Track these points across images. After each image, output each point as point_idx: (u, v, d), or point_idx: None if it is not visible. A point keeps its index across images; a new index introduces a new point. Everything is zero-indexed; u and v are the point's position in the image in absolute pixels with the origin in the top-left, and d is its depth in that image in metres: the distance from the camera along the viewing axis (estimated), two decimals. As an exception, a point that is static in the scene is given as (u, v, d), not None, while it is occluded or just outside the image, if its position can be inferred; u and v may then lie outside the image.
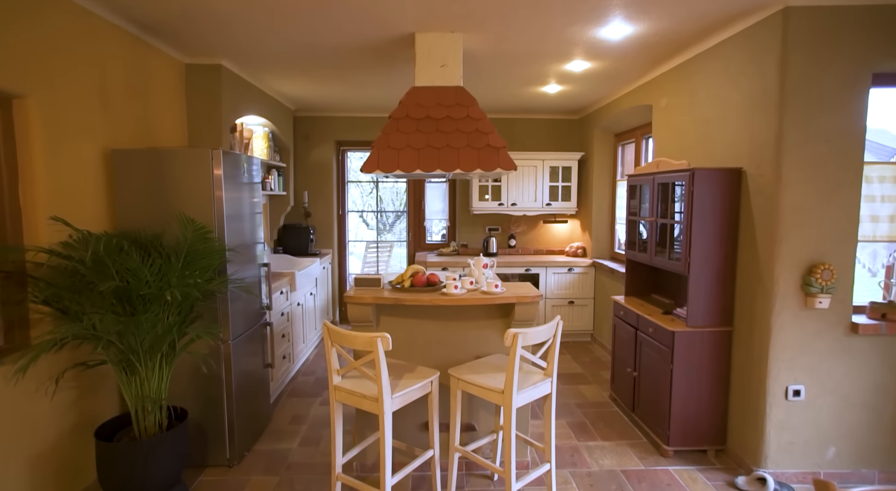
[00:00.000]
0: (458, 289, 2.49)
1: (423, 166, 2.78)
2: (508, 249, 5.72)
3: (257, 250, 3.16)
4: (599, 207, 5.23)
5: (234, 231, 2.74)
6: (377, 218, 8.35)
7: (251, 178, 3.07)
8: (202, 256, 2.23)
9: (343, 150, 5.90)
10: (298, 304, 4.36)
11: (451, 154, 2.80)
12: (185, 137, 3.46)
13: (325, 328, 2.15)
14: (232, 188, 2.73)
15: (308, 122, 5.56)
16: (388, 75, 3.90)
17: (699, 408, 2.85)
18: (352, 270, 6.30)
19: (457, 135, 2.83)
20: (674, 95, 3.49)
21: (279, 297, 3.79)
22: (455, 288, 2.47)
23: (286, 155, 5.24)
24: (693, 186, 2.73)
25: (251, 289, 2.83)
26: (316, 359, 4.68)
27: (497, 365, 2.42)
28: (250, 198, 3.05)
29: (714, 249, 2.77)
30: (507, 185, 5.38)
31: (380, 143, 2.81)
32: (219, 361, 2.64)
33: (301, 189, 5.58)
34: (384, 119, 5.57)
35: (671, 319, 2.99)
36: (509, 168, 2.79)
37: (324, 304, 5.41)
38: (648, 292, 3.68)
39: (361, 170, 2.78)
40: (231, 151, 2.83)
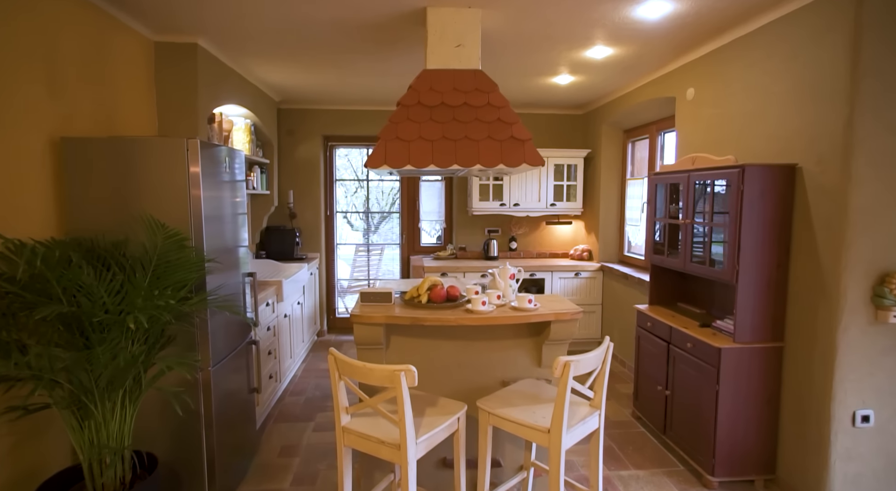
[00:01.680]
0: (487, 305, 2.11)
1: (438, 161, 2.40)
2: (509, 252, 5.37)
3: (241, 257, 2.73)
4: (607, 208, 4.92)
5: (214, 236, 2.31)
6: (366, 218, 7.91)
7: (234, 174, 2.64)
8: (176, 268, 1.81)
9: (331, 147, 5.47)
10: (285, 315, 3.92)
11: (469, 147, 2.43)
12: (154, 127, 3.00)
13: (331, 359, 1.76)
14: (212, 186, 2.30)
15: (293, 115, 5.11)
16: (387, 62, 3.50)
17: (747, 433, 2.54)
18: (341, 275, 5.87)
19: (476, 125, 2.46)
20: (702, 86, 3.19)
21: (265, 309, 3.35)
22: (483, 304, 2.10)
23: (269, 150, 4.78)
24: (743, 185, 2.42)
25: (235, 306, 2.40)
26: (304, 375, 4.24)
27: (532, 394, 2.05)
28: (233, 197, 2.62)
29: (765, 255, 2.47)
30: (510, 185, 5.04)
31: (387, 133, 2.41)
32: (196, 392, 2.21)
33: (286, 188, 5.12)
34: (376, 113, 5.17)
35: (712, 332, 2.68)
36: (536, 163, 2.44)
37: (311, 313, 4.97)
38: (674, 301, 3.38)
39: (366, 165, 2.38)
40: (211, 142, 2.40)
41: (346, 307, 5.98)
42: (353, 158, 7.21)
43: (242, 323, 2.72)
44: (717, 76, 3.03)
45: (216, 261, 2.19)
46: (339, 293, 5.83)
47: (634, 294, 4.20)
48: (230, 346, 2.52)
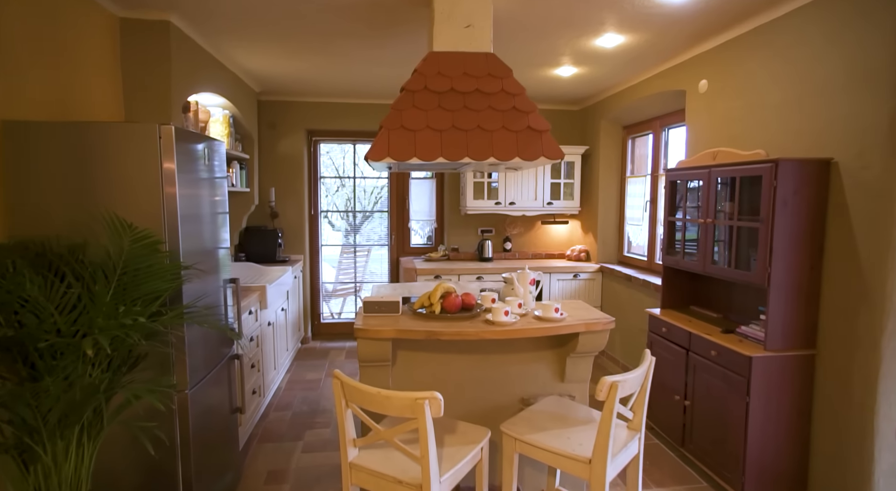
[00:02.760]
0: (509, 315, 1.87)
1: (448, 153, 2.15)
2: (504, 254, 5.15)
3: (221, 261, 2.42)
4: (606, 207, 4.75)
5: (192, 238, 2.00)
6: (350, 218, 7.58)
7: (214, 167, 2.33)
8: (147, 277, 1.50)
9: (315, 142, 5.15)
10: (269, 323, 3.60)
11: (482, 138, 2.18)
12: (120, 116, 2.66)
13: (336, 384, 1.49)
14: (189, 180, 2.00)
15: (275, 107, 4.77)
16: (382, 48, 3.23)
17: (778, 449, 2.37)
18: (326, 278, 5.55)
19: (489, 113, 2.21)
20: (718, 78, 3.02)
21: (247, 318, 3.04)
22: (505, 314, 1.85)
23: (249, 145, 4.44)
24: (776, 181, 2.24)
25: (216, 320, 2.10)
26: (289, 387, 3.93)
27: (560, 415, 1.82)
28: (213, 194, 2.31)
29: (798, 256, 2.30)
30: (505, 183, 4.81)
31: (391, 121, 2.15)
32: (171, 420, 1.90)
33: (267, 186, 4.78)
34: (365, 107, 4.88)
35: (738, 339, 2.50)
36: (555, 157, 2.21)
37: (295, 319, 4.65)
38: (686, 304, 3.21)
39: (367, 157, 2.11)
40: (188, 129, 2.09)
41: (331, 312, 5.66)
42: (335, 155, 6.88)
43: (223, 336, 2.42)
44: (736, 66, 2.86)
45: (196, 267, 1.88)
46: (324, 297, 5.51)
47: (638, 296, 4.02)
48: (210, 362, 2.22)
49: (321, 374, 4.24)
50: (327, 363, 4.51)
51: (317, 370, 4.32)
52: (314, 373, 4.26)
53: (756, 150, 2.45)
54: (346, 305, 5.86)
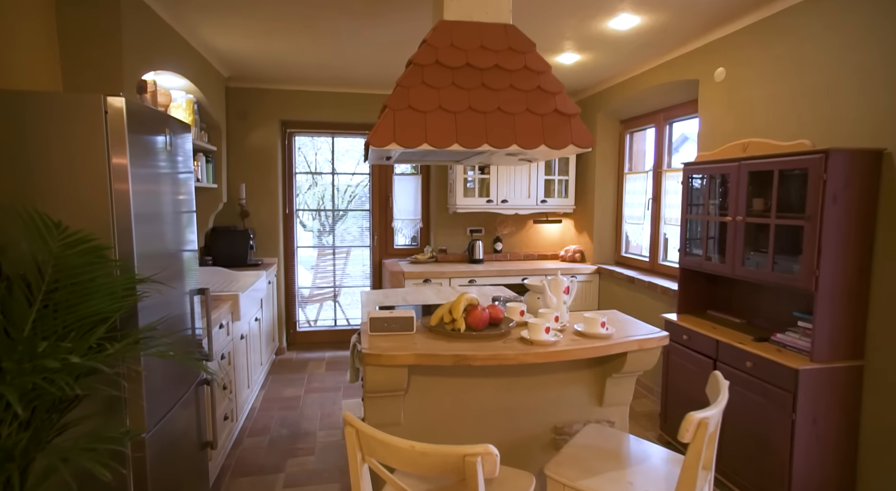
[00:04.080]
0: (550, 332, 1.55)
1: (465, 139, 1.82)
2: (495, 255, 4.86)
3: (186, 266, 2.02)
4: (602, 205, 4.52)
5: (149, 240, 1.60)
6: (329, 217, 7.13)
7: (177, 155, 1.92)
8: (86, 295, 1.11)
9: (290, 134, 4.71)
10: (242, 336, 3.18)
11: (503, 122, 1.86)
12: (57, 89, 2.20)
13: (350, 433, 1.13)
14: (146, 168, 1.60)
15: (245, 95, 4.32)
16: (375, 27, 2.86)
17: (824, 469, 2.15)
18: (302, 282, 5.11)
19: (510, 94, 1.90)
20: (738, 65, 2.81)
21: (218, 333, 2.62)
22: (546, 331, 1.53)
23: (216, 136, 3.98)
24: (826, 174, 2.01)
25: (180, 343, 1.70)
26: (265, 407, 3.51)
27: (608, 450, 1.52)
28: (176, 188, 1.91)
29: (847, 257, 2.08)
30: (497, 179, 4.52)
31: (397, 101, 1.80)
32: (124, 468, 1.49)
33: (236, 181, 4.32)
34: (348, 96, 4.48)
35: (776, 349, 2.28)
36: (586, 145, 1.92)
37: (269, 328, 4.21)
38: (703, 309, 2.99)
39: (368, 142, 1.76)
40: (145, 105, 1.67)
41: (307, 319, 5.24)
42: (307, 150, 6.43)
43: (192, 361, 2.01)
44: (759, 53, 2.65)
45: (156, 279, 1.48)
46: (300, 303, 5.08)
47: (642, 299, 3.80)
48: (174, 394, 1.81)
49: (300, 389, 3.83)
50: (306, 377, 4.10)
51: (295, 385, 3.91)
52: (292, 388, 3.84)
53: (799, 141, 2.23)
54: (322, 311, 5.44)
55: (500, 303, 2.00)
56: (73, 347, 0.98)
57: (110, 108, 1.42)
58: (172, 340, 1.77)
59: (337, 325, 5.16)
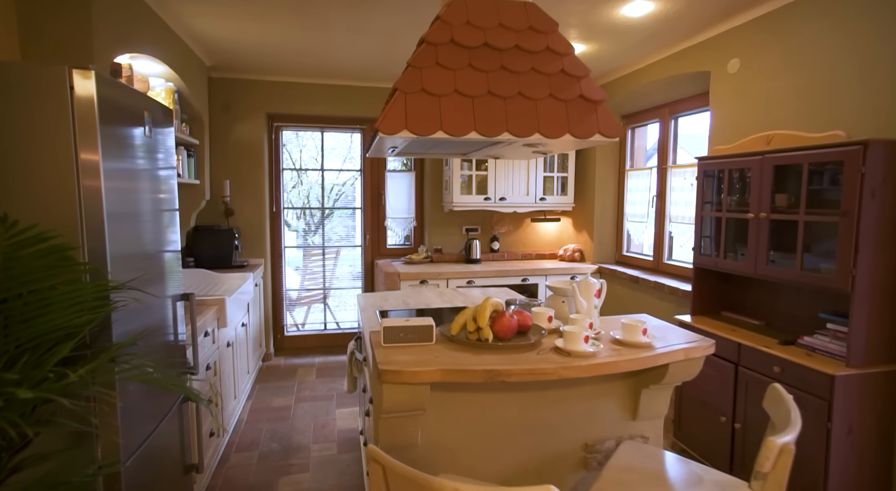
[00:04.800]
0: (589, 342, 1.38)
1: (484, 127, 1.64)
2: (492, 254, 4.69)
3: (168, 268, 1.80)
4: (603, 203, 4.39)
5: (124, 241, 1.38)
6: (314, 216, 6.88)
7: (159, 144, 1.70)
8: (45, 306, 0.90)
9: (277, 128, 4.47)
10: (228, 344, 2.95)
11: (525, 108, 1.69)
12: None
13: (377, 471, 0.94)
14: (121, 155, 1.38)
15: (230, 86, 4.06)
16: (371, 15, 2.66)
17: (860, 481, 2.03)
18: (290, 284, 4.87)
19: (533, 77, 1.72)
20: (754, 56, 2.69)
21: (203, 341, 2.39)
22: (585, 341, 1.36)
23: (199, 128, 3.73)
24: (864, 167, 1.89)
25: (164, 362, 1.48)
26: (252, 418, 3.27)
27: (653, 473, 1.36)
28: (156, 182, 1.69)
29: (884, 256, 1.96)
30: (495, 176, 4.35)
31: (408, 83, 1.61)
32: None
33: (220, 178, 4.07)
34: (339, 89, 4.27)
35: (805, 353, 2.15)
36: (612, 134, 1.76)
37: (256, 333, 3.97)
38: (717, 310, 2.87)
39: (378, 128, 1.57)
40: (120, 82, 1.45)
41: (294, 322, 5.00)
42: (291, 147, 6.19)
43: (174, 369, 1.79)
44: (777, 42, 2.53)
45: (132, 286, 1.27)
46: (288, 306, 4.84)
47: (647, 300, 3.67)
48: (154, 414, 1.60)
49: (290, 398, 3.61)
50: (296, 384, 3.87)
51: (284, 394, 3.68)
52: (281, 398, 3.61)
53: (832, 132, 2.11)
54: (310, 315, 5.21)
55: (520, 306, 1.83)
56: (20, 378, 0.76)
57: (78, 84, 1.20)
58: (154, 355, 1.55)
59: (327, 328, 4.94)
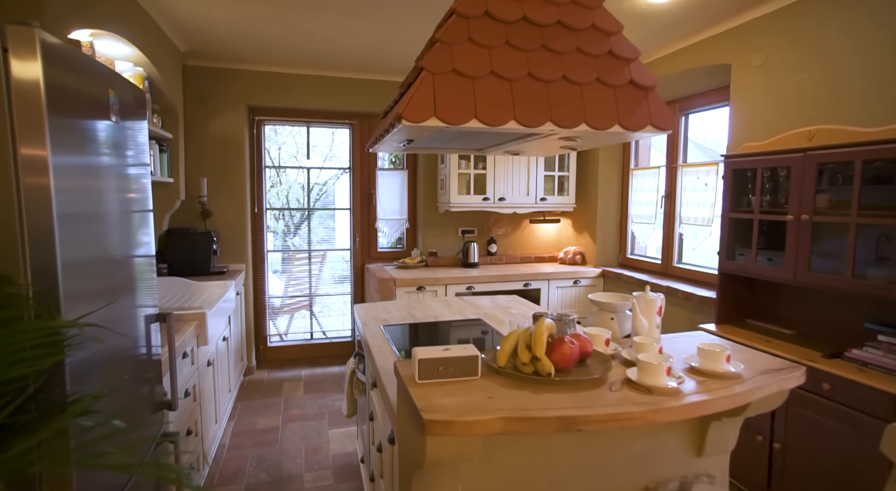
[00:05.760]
0: (672, 376, 1.14)
1: (524, 115, 1.39)
2: (489, 258, 4.45)
3: (139, 277, 1.49)
4: (606, 204, 4.21)
5: (83, 246, 1.08)
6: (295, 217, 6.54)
7: (127, 130, 1.40)
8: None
9: (260, 122, 4.13)
10: (209, 362, 2.62)
11: (570, 95, 1.45)
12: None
13: None
14: (77, 140, 1.08)
15: (206, 76, 3.71)
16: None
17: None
18: (273, 290, 4.53)
19: (577, 59, 1.48)
20: (782, 47, 2.52)
21: (182, 364, 2.07)
22: (667, 373, 1.12)
23: (172, 121, 3.37)
24: (931, 165, 1.72)
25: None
26: (235, 443, 2.95)
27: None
28: (125, 183, 1.38)
29: (946, 262, 1.80)
30: (494, 174, 4.12)
31: (437, 61, 1.35)
32: None
33: (196, 175, 3.71)
34: (328, 80, 3.96)
35: (856, 368, 1.98)
36: (666, 126, 1.53)
37: (237, 346, 3.64)
38: (741, 317, 2.70)
39: (403, 115, 1.30)
40: (75, 49, 1.14)
41: (278, 332, 4.66)
42: (269, 145, 5.83)
43: (148, 404, 1.49)
44: (805, 33, 2.36)
45: (91, 323, 0.97)
46: (272, 315, 4.50)
47: (660, 306, 3.49)
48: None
49: (276, 417, 3.29)
50: (282, 401, 3.55)
51: (270, 413, 3.36)
52: (267, 417, 3.29)
53: (890, 126, 1.94)
54: (294, 323, 4.87)
55: (556, 321, 1.59)
56: None
57: (15, 47, 0.89)
58: (120, 395, 1.25)
59: (313, 338, 4.61)
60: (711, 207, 3.21)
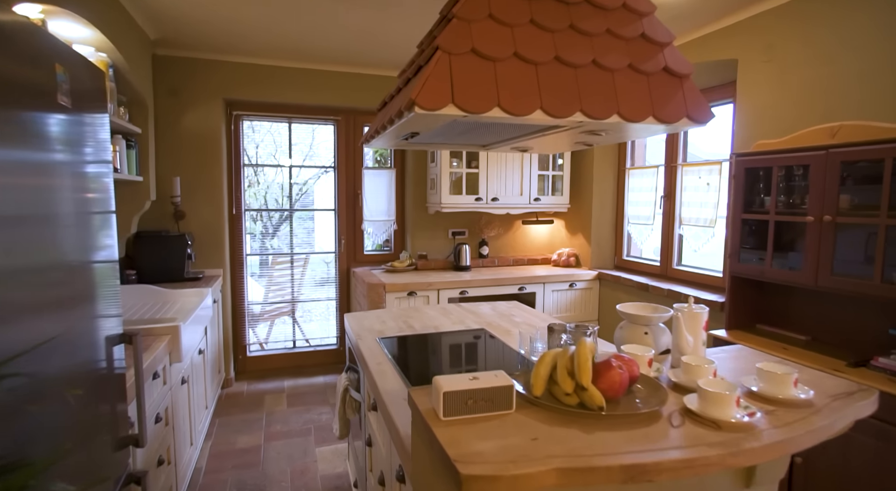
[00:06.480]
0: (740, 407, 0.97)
1: (551, 104, 1.22)
2: (481, 260, 4.28)
3: (98, 283, 1.27)
4: (601, 204, 4.08)
5: (24, 251, 0.86)
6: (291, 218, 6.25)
7: (82, 128, 1.17)
8: None
9: (238, 117, 3.86)
10: (183, 380, 2.37)
11: (601, 82, 1.28)
12: None
13: None
14: (11, 138, 0.85)
15: (179, 66, 3.44)
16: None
17: (954, 524, 1.77)
18: (253, 296, 4.26)
19: (608, 41, 1.32)
20: (791, 42, 2.42)
21: (153, 386, 1.84)
22: (737, 403, 0.95)
23: (141, 115, 3.09)
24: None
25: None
26: (214, 466, 2.70)
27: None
28: (82, 182, 1.16)
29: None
30: (487, 174, 3.95)
31: (454, 40, 1.16)
32: None
33: (168, 174, 3.44)
34: (312, 74, 3.73)
35: (887, 378, 1.87)
36: (703, 119, 1.38)
37: (214, 357, 3.38)
38: (751, 323, 2.59)
39: (416, 101, 1.11)
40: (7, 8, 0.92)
41: (258, 339, 4.39)
42: (246, 143, 5.55)
43: (110, 441, 1.26)
44: (820, 26, 2.26)
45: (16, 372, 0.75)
46: (251, 323, 4.23)
47: (661, 310, 3.37)
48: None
49: (258, 435, 3.05)
50: (264, 416, 3.31)
51: (251, 430, 3.12)
52: (248, 435, 3.05)
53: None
54: (274, 331, 4.61)
55: (575, 331, 1.43)
56: None
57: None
58: (76, 429, 1.03)
59: (296, 346, 4.36)
60: (714, 208, 3.11)
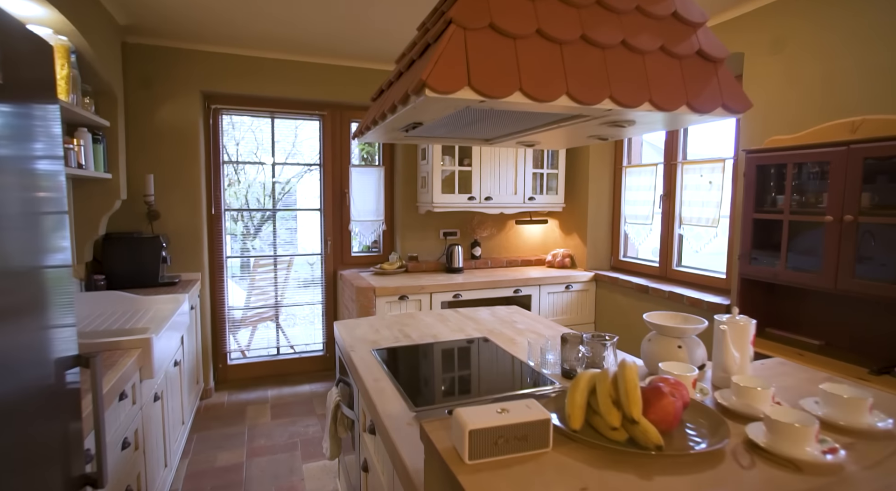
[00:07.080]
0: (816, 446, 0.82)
1: (578, 88, 1.07)
2: (473, 261, 4.13)
3: (51, 292, 1.07)
4: (597, 203, 3.97)
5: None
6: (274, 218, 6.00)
7: (29, 120, 0.97)
8: None
9: (217, 111, 3.63)
10: (156, 397, 2.16)
11: (631, 65, 1.13)
12: None
13: None
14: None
15: (151, 55, 3.20)
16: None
17: None
18: (234, 301, 4.04)
19: (638, 20, 1.17)
20: (802, 34, 2.32)
21: (119, 407, 1.63)
22: (815, 439, 0.81)
23: (109, 106, 2.86)
24: None
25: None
26: (191, 484, 2.49)
27: None
28: (28, 175, 0.96)
29: None
30: (480, 172, 3.80)
31: (469, 14, 1.00)
32: None
33: (140, 171, 3.20)
34: (297, 65, 3.52)
35: (912, 387, 1.77)
36: (740, 108, 1.24)
37: (192, 367, 3.16)
38: (761, 327, 2.49)
39: (427, 82, 0.94)
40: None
41: (239, 346, 4.16)
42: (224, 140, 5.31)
43: (59, 481, 1.07)
44: (831, 17, 2.17)
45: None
46: (232, 329, 4.01)
47: (648, 309, 3.26)
48: None
49: (240, 451, 2.84)
50: (246, 430, 3.10)
51: (232, 445, 2.91)
52: (229, 451, 2.84)
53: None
54: (256, 337, 4.38)
55: (593, 342, 1.29)
56: None
57: None
58: (22, 475, 0.84)
59: (280, 353, 4.15)
60: (717, 207, 3.01)
